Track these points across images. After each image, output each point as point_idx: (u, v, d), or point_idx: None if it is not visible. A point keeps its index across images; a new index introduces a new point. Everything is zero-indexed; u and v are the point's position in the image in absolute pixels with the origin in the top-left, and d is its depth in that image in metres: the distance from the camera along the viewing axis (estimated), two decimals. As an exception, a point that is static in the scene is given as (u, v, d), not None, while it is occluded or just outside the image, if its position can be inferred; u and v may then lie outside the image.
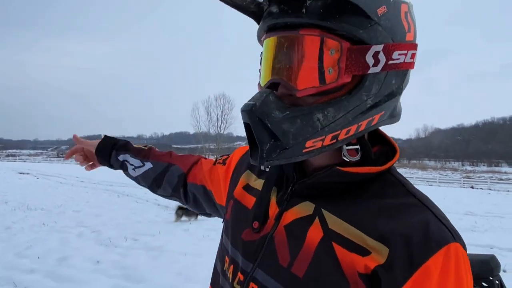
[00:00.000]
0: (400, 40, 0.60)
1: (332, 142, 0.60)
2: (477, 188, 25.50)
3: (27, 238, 5.46)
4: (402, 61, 0.59)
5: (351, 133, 0.60)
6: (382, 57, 0.57)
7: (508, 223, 8.76)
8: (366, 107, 0.59)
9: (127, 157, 1.12)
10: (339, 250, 0.59)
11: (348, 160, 0.63)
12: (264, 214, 0.70)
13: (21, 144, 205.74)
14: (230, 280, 0.70)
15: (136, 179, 1.12)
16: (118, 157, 1.13)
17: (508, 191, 23.27)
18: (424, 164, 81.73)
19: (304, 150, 0.59)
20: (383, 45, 0.57)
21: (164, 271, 4.12)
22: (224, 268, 0.75)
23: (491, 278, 2.64)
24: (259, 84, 0.66)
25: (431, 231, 0.55)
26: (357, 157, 0.64)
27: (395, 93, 0.62)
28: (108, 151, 1.14)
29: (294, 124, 0.57)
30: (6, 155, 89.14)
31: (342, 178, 0.63)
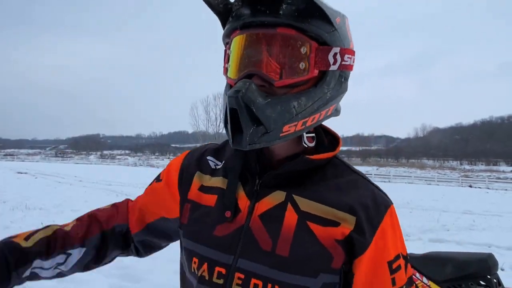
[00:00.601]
0: (348, 46, 0.72)
1: (302, 127, 0.69)
2: (475, 187, 25.55)
3: (25, 237, 5.44)
4: (349, 63, 0.72)
5: (315, 120, 0.71)
6: (338, 58, 0.69)
7: (506, 222, 8.78)
8: (326, 99, 0.71)
9: (37, 263, 0.77)
10: (314, 227, 0.69)
11: (307, 146, 0.75)
12: (234, 207, 0.74)
13: (19, 144, 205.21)
14: (207, 278, 0.72)
15: (58, 275, 0.82)
16: (23, 275, 0.75)
17: (506, 190, 23.32)
18: (422, 163, 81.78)
19: (281, 134, 0.68)
20: (339, 48, 0.69)
21: (162, 270, 4.11)
22: (192, 270, 0.75)
23: (489, 276, 2.65)
24: (228, 77, 0.72)
25: (377, 199, 0.73)
26: (313, 143, 0.76)
27: (344, 90, 0.75)
28: (5, 273, 0.71)
29: (275, 110, 0.65)
30: (4, 155, 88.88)
31: (308, 165, 0.73)
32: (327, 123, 0.81)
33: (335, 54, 0.69)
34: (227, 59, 0.72)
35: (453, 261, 2.70)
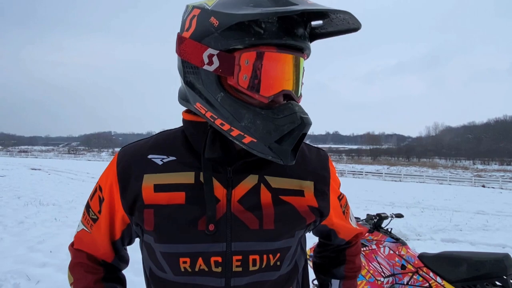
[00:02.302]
0: None
1: None
2: (488, 187, 25.14)
3: (39, 232, 5.55)
4: None
5: None
6: None
7: (520, 223, 8.61)
8: None
9: None
10: (288, 199, 0.80)
11: None
12: (215, 200, 0.75)
13: (33, 141, 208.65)
14: (206, 269, 0.74)
15: None
16: None
17: (520, 190, 22.88)
18: (434, 163, 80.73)
19: None
20: None
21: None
22: (183, 269, 0.74)
23: (505, 277, 2.61)
24: (259, 94, 0.69)
25: (320, 155, 0.91)
26: None
27: None
28: None
29: None
30: (19, 151, 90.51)
31: None
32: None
33: None
34: (255, 73, 0.68)
35: (468, 261, 2.67)
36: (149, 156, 0.81)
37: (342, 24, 0.72)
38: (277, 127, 0.68)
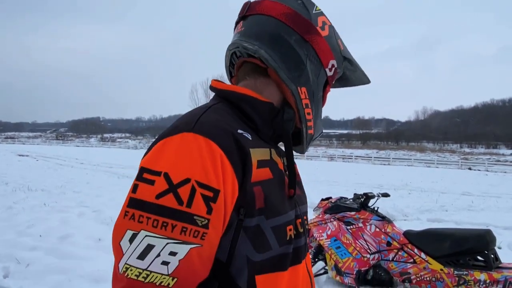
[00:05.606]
0: None
1: None
2: (474, 170, 25.66)
3: (28, 217, 5.51)
4: None
5: None
6: None
7: (504, 203, 8.86)
8: None
9: None
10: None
11: None
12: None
13: (19, 127, 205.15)
14: (301, 231, 0.83)
15: None
16: None
17: (505, 172, 23.45)
18: (422, 146, 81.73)
19: None
20: None
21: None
22: (288, 238, 0.75)
23: (486, 252, 2.68)
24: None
25: None
26: None
27: None
28: None
29: None
30: (5, 138, 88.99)
31: None
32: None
33: None
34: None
35: (451, 237, 2.75)
36: (239, 131, 0.72)
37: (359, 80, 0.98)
38: (319, 127, 0.91)
